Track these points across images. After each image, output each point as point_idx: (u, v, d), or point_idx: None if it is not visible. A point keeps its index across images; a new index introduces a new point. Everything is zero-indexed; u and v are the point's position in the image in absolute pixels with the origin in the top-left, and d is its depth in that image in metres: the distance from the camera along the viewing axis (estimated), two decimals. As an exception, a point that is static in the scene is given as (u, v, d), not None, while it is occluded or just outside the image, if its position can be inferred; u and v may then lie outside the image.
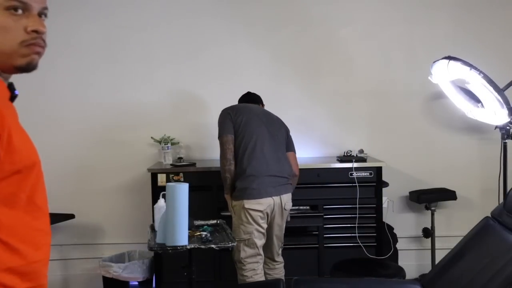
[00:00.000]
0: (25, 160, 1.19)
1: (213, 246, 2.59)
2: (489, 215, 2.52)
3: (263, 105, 3.51)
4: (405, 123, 4.24)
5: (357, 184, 3.74)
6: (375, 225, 3.82)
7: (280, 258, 3.38)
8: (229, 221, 3.18)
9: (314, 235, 3.79)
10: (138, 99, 4.16)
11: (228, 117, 3.26)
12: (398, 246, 3.98)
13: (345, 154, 3.95)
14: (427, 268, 3.94)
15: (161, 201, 2.86)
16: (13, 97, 1.27)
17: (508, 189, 2.90)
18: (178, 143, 4.09)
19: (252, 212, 3.10)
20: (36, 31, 1.20)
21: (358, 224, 3.77)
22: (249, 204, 3.10)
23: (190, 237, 2.62)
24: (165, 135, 4.03)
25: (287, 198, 3.23)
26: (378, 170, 3.80)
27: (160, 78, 4.16)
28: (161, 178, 3.71)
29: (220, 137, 3.25)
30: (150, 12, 4.13)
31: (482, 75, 2.97)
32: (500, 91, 2.99)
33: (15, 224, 1.19)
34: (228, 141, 3.21)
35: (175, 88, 4.17)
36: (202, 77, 4.16)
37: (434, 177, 4.17)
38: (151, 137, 4.06)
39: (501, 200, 3.18)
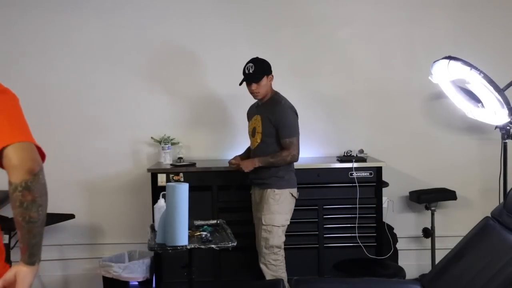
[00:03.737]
0: None
1: (213, 246, 2.59)
2: (489, 215, 2.52)
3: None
4: (405, 123, 4.24)
5: (357, 184, 3.74)
6: (375, 225, 3.82)
7: None
8: (230, 221, 3.17)
9: (314, 235, 3.79)
10: (138, 99, 4.16)
11: (297, 118, 3.42)
12: (398, 246, 3.98)
13: (345, 154, 3.95)
14: (427, 268, 3.94)
15: (161, 201, 2.86)
16: None
17: (508, 189, 2.91)
18: (178, 143, 4.09)
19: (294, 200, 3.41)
20: None
21: (358, 224, 3.77)
22: (294, 191, 3.40)
23: (190, 237, 2.62)
24: (165, 135, 4.03)
25: None
26: (378, 170, 3.80)
27: (160, 78, 4.16)
28: (161, 178, 3.71)
29: (296, 138, 3.37)
30: (151, 12, 4.13)
31: (483, 75, 2.97)
32: (500, 91, 2.99)
33: None
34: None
35: (175, 88, 4.17)
36: (202, 77, 4.16)
37: (434, 177, 4.17)
38: (151, 137, 4.06)
39: (501, 200, 3.18)
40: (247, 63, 3.41)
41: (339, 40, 4.20)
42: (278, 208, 3.32)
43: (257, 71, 3.35)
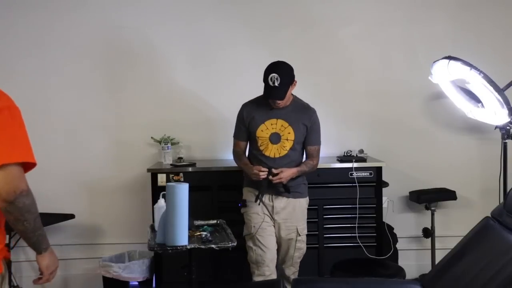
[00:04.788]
0: None
1: (213, 246, 2.59)
2: (489, 215, 2.52)
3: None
4: (405, 123, 4.24)
5: (357, 184, 3.74)
6: (375, 225, 3.82)
7: None
8: (230, 221, 3.16)
9: (314, 235, 3.79)
10: (138, 99, 4.16)
11: None
12: (398, 246, 3.98)
13: (345, 154, 3.96)
14: (427, 268, 3.94)
15: (161, 201, 2.86)
16: None
17: (508, 189, 2.91)
18: (178, 143, 4.09)
19: None
20: None
21: (358, 224, 3.77)
22: None
23: (190, 237, 2.63)
24: (165, 135, 4.03)
25: None
26: (378, 170, 3.80)
27: (160, 78, 4.16)
28: (161, 178, 3.71)
29: (320, 146, 3.29)
30: (151, 13, 4.13)
31: (482, 75, 2.97)
32: (500, 91, 2.99)
33: None
34: None
35: (176, 88, 4.17)
36: (203, 77, 4.16)
37: (434, 177, 4.17)
38: (151, 137, 4.06)
39: (501, 200, 3.18)
40: (271, 71, 3.01)
41: (339, 40, 4.20)
42: (306, 217, 3.32)
43: (283, 84, 3.00)
